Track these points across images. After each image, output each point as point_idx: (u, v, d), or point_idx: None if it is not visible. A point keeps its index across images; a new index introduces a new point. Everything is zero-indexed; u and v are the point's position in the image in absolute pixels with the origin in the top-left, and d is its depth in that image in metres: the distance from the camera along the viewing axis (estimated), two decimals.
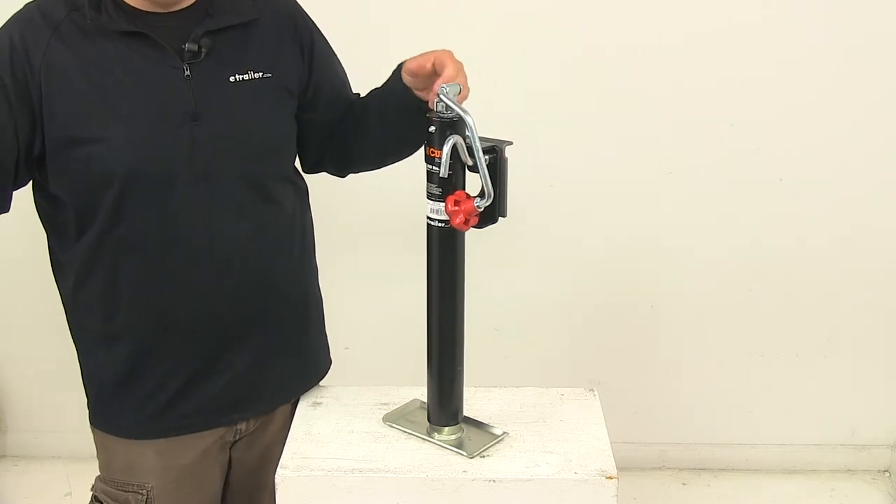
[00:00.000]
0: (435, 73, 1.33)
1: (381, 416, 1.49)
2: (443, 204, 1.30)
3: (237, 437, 1.54)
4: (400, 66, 1.43)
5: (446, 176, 1.28)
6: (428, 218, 1.33)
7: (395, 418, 1.49)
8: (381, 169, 2.43)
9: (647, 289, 2.58)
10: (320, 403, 1.55)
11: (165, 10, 1.36)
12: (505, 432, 1.44)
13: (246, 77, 1.39)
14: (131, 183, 1.33)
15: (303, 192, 1.56)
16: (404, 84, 1.42)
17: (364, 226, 2.52)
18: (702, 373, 2.65)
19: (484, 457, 1.38)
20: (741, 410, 2.69)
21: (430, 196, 1.32)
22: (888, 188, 2.46)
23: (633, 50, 2.35)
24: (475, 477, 1.34)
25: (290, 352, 1.54)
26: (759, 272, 2.55)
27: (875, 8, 2.31)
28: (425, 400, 1.45)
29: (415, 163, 1.37)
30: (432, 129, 1.28)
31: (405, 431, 1.45)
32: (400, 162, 1.76)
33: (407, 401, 1.53)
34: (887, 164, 2.44)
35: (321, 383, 1.62)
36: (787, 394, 2.66)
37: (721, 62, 2.36)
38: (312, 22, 1.53)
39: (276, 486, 1.35)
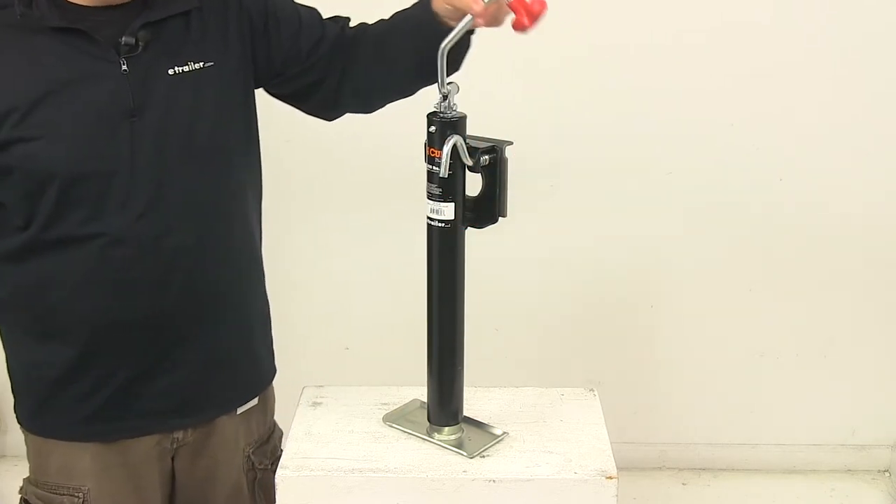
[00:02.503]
0: None
1: (381, 416, 1.49)
2: (442, 204, 1.30)
3: (175, 445, 1.50)
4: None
5: (446, 176, 1.28)
6: (428, 218, 1.33)
7: (395, 418, 1.49)
8: (381, 170, 2.45)
9: (647, 289, 2.58)
10: (320, 403, 1.54)
11: (104, 4, 1.32)
12: (505, 432, 1.44)
13: (186, 69, 1.35)
14: (70, 182, 1.30)
15: (255, 189, 1.51)
16: (433, 15, 1.33)
17: (364, 226, 2.52)
18: (702, 373, 2.65)
19: (484, 457, 1.38)
20: (741, 410, 2.69)
21: (430, 196, 1.32)
22: (888, 188, 2.46)
23: (633, 50, 2.35)
24: (475, 477, 1.34)
25: (232, 357, 1.50)
26: (759, 272, 2.55)
27: (874, 8, 2.31)
28: (425, 400, 1.45)
29: (414, 163, 1.36)
30: (432, 129, 1.28)
31: (405, 431, 1.45)
32: (400, 162, 1.75)
33: (407, 401, 1.53)
34: (887, 164, 2.44)
35: (321, 383, 1.62)
36: (787, 394, 2.66)
37: (721, 62, 2.36)
38: None
39: (276, 486, 1.35)
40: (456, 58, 1.37)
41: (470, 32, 1.34)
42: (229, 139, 1.42)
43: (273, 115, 1.57)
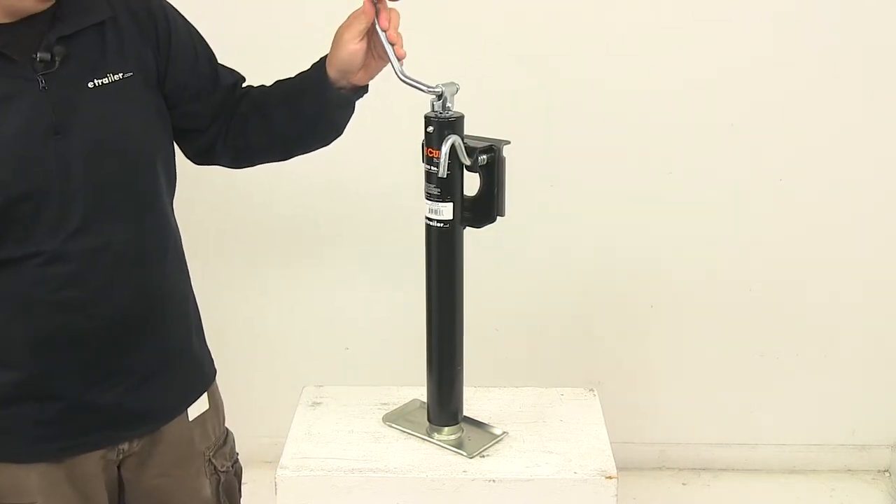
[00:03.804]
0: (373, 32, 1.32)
1: (381, 416, 1.49)
2: (441, 204, 1.30)
3: (121, 456, 1.46)
4: (322, 62, 1.39)
5: (445, 176, 1.28)
6: (427, 218, 1.33)
7: (395, 418, 1.49)
8: (379, 169, 2.45)
9: (646, 289, 2.58)
10: (320, 403, 1.55)
11: (12, 20, 1.26)
12: (505, 432, 1.44)
13: (106, 80, 1.31)
14: (3, 206, 1.25)
15: (172, 193, 1.49)
16: (327, 81, 1.37)
17: (363, 226, 2.52)
18: (702, 373, 2.65)
19: (484, 457, 1.38)
20: (741, 410, 2.69)
21: (428, 196, 1.32)
22: (889, 188, 2.46)
23: (633, 49, 2.35)
24: (475, 477, 1.34)
25: (175, 361, 1.48)
26: (759, 272, 2.55)
27: (875, 8, 2.31)
28: (425, 400, 1.46)
29: (413, 163, 1.37)
30: (430, 129, 1.28)
31: (405, 431, 1.45)
32: (397, 162, 1.74)
33: (407, 401, 1.54)
34: (887, 164, 2.44)
35: (321, 383, 1.62)
36: (787, 394, 2.66)
37: (722, 62, 2.36)
38: (175, 10, 1.45)
39: (276, 486, 1.35)
40: (340, 120, 1.45)
41: (364, 89, 1.41)
42: (155, 143, 1.40)
43: None
